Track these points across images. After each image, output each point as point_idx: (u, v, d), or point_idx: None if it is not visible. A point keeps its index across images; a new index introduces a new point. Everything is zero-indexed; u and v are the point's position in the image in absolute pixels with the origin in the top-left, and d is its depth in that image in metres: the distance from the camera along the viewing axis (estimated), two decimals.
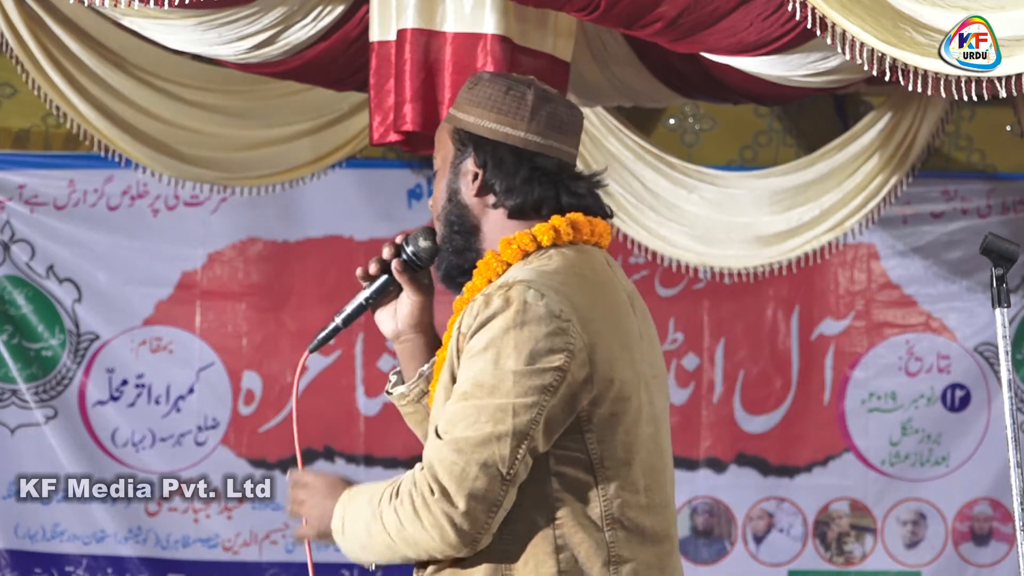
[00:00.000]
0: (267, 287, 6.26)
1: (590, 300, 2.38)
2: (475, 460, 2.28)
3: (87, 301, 6.19)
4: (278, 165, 5.90)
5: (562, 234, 2.45)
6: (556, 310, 2.33)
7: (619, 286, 2.48)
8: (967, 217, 6.30)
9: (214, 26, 4.74)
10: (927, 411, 6.28)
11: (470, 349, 2.34)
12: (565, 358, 2.32)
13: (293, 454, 6.13)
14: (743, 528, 6.30)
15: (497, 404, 2.29)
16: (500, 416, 2.29)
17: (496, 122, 2.47)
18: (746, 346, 6.33)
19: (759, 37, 4.16)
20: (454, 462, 2.28)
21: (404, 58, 4.44)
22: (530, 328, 2.31)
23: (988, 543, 6.28)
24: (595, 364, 2.34)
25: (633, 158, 5.94)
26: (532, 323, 2.32)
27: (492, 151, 2.47)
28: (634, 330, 2.45)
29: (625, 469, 2.38)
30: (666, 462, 2.47)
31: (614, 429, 2.37)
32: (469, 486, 2.28)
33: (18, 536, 6.11)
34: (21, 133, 6.22)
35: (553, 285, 2.36)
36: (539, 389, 2.30)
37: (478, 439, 2.29)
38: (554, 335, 2.32)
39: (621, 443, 2.37)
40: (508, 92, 2.48)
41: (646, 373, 2.44)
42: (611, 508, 2.37)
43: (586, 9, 4.21)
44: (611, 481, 2.37)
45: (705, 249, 5.95)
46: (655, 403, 2.45)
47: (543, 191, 2.46)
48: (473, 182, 2.48)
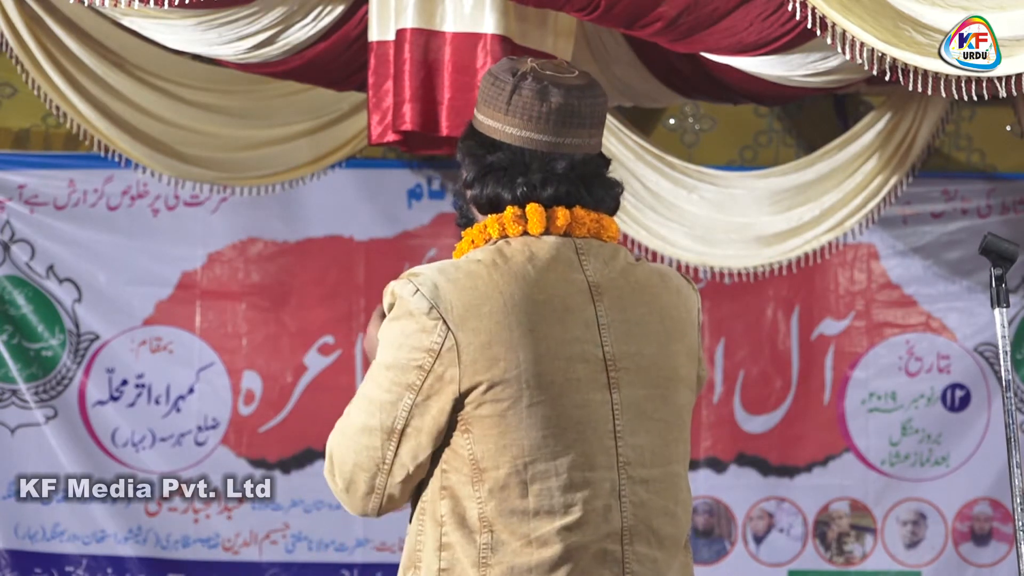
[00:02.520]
0: (267, 287, 6.26)
1: (482, 295, 2.33)
2: (349, 446, 2.40)
3: (87, 301, 6.18)
4: (278, 165, 5.90)
5: (508, 226, 2.42)
6: (426, 307, 2.33)
7: (572, 277, 2.40)
8: (967, 217, 6.30)
9: (214, 26, 4.75)
10: (927, 411, 6.27)
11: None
12: (427, 357, 2.33)
13: (293, 454, 6.16)
14: (743, 528, 6.30)
15: (370, 396, 2.39)
16: (371, 409, 2.38)
17: (483, 115, 2.46)
18: (746, 346, 6.33)
19: (759, 37, 4.16)
20: (338, 443, 2.42)
21: (403, 58, 4.45)
22: (400, 323, 2.36)
23: (988, 543, 6.27)
24: (463, 364, 2.32)
25: (633, 158, 5.94)
26: (403, 318, 2.35)
27: (468, 145, 2.47)
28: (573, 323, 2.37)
29: (506, 472, 2.32)
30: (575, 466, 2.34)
31: (493, 430, 2.32)
32: (343, 470, 2.41)
33: (18, 536, 6.11)
34: (21, 133, 6.22)
35: (440, 279, 2.35)
36: (404, 386, 2.35)
37: (355, 428, 2.40)
38: (420, 332, 2.33)
39: (503, 445, 2.32)
40: (495, 83, 2.45)
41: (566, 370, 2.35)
42: (485, 510, 2.32)
43: (586, 9, 4.21)
44: (487, 483, 2.32)
45: (705, 249, 5.95)
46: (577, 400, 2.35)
47: (496, 184, 2.43)
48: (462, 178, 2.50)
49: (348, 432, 2.40)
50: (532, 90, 2.42)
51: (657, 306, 2.47)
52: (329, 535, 6.16)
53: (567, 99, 2.43)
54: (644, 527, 2.39)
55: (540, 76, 2.44)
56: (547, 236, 2.43)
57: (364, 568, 6.14)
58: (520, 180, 2.43)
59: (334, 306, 6.13)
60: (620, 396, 2.39)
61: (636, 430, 2.40)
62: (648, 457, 2.40)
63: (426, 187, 6.24)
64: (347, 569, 6.14)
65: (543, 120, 2.43)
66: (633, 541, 2.38)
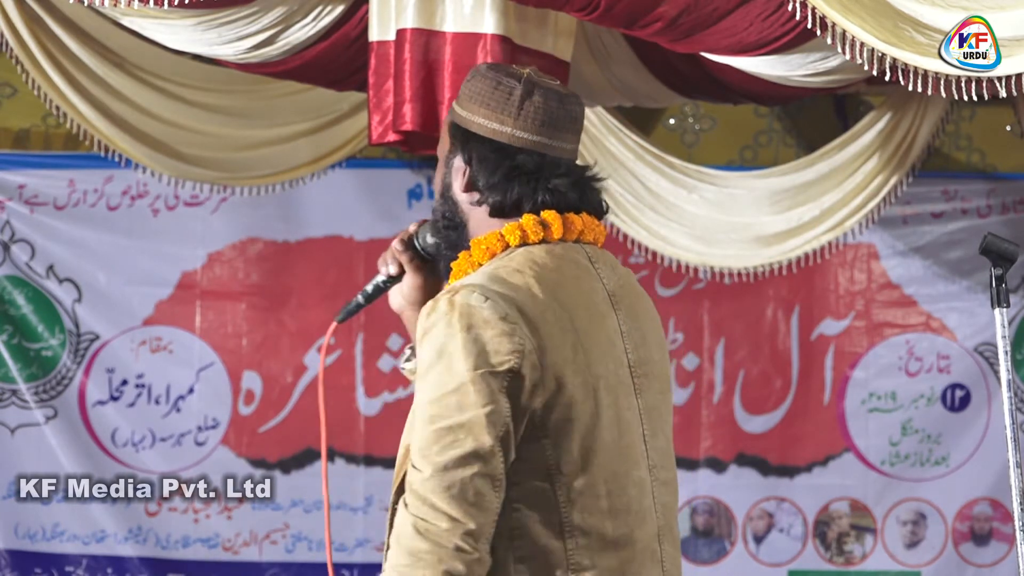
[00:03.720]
0: (267, 287, 6.26)
1: (542, 302, 2.33)
2: (466, 480, 2.24)
3: (87, 301, 6.19)
4: (278, 165, 5.90)
5: (529, 234, 2.41)
6: (502, 312, 2.29)
7: (594, 285, 2.44)
8: (967, 217, 6.30)
9: (214, 26, 4.74)
10: (927, 411, 6.28)
11: (423, 359, 2.31)
12: (516, 359, 2.28)
13: (293, 454, 6.16)
14: (743, 528, 6.30)
15: (467, 420, 2.25)
16: (473, 428, 2.25)
17: (485, 117, 2.44)
18: (746, 346, 6.33)
19: (759, 37, 4.16)
20: (447, 487, 2.23)
21: (403, 58, 4.44)
22: (478, 331, 2.28)
23: (988, 543, 6.27)
24: (545, 367, 2.30)
25: (633, 158, 5.94)
26: (479, 326, 2.28)
27: (477, 147, 2.44)
28: (605, 329, 2.41)
29: (583, 474, 2.33)
30: (631, 466, 2.39)
31: (569, 434, 2.32)
32: (470, 507, 2.24)
33: (18, 536, 6.11)
34: (21, 133, 6.22)
35: (500, 288, 2.32)
36: (497, 391, 2.26)
37: (460, 457, 2.24)
38: (502, 336, 2.28)
39: (578, 448, 2.32)
40: (498, 86, 2.44)
41: (613, 374, 2.39)
42: (570, 515, 2.32)
43: (586, 9, 4.21)
44: (569, 487, 2.32)
45: (705, 249, 5.95)
46: (624, 404, 2.40)
47: (521, 189, 2.42)
48: (462, 178, 2.45)
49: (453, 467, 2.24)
50: (543, 96, 2.44)
51: (651, 313, 2.57)
52: None
53: (567, 106, 2.46)
54: (668, 527, 2.45)
55: (542, 83, 2.46)
56: (562, 243, 2.44)
57: (364, 568, 6.14)
58: (542, 185, 2.43)
59: (334, 306, 6.10)
60: (643, 401, 2.45)
61: (656, 433, 2.46)
62: (665, 460, 2.48)
63: (426, 187, 6.24)
64: (347, 569, 6.15)
65: (553, 126, 2.44)
66: (663, 541, 2.44)
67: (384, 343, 6.16)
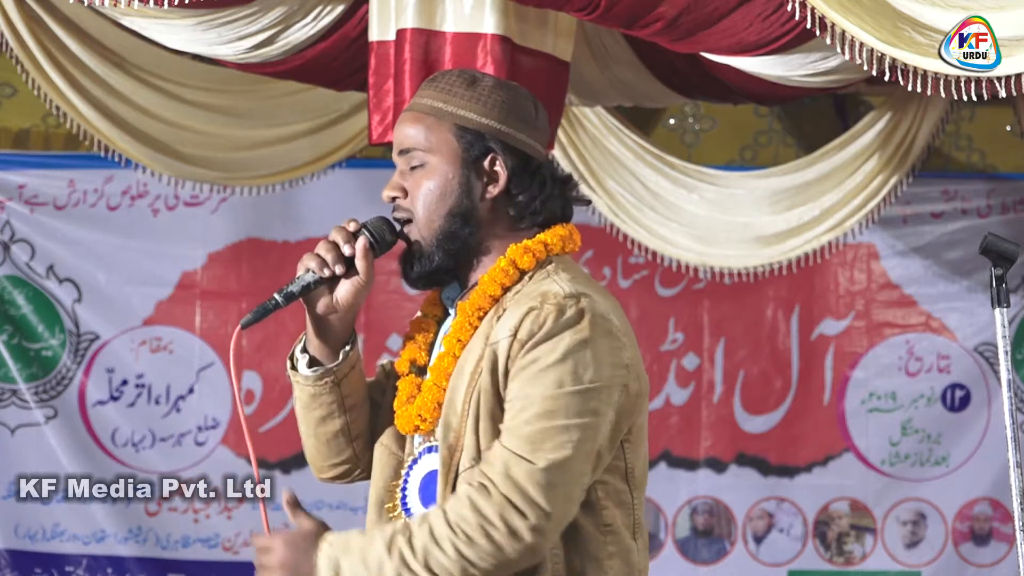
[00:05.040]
0: (267, 287, 6.23)
1: (621, 314, 2.41)
2: (572, 481, 2.28)
3: (87, 301, 6.19)
4: (278, 165, 5.90)
5: (566, 244, 2.46)
6: (616, 325, 2.36)
7: None
8: (967, 217, 6.30)
9: (214, 26, 4.74)
10: (927, 411, 6.28)
11: (538, 359, 2.31)
12: (625, 373, 2.35)
13: (293, 454, 6.15)
14: (743, 528, 6.30)
15: (585, 423, 2.29)
16: (590, 434, 2.29)
17: (514, 128, 2.45)
18: (746, 346, 6.33)
19: (759, 37, 4.16)
20: (553, 484, 2.26)
21: (403, 58, 4.44)
22: (602, 343, 2.32)
23: (988, 543, 6.28)
24: (640, 379, 2.38)
25: (633, 158, 5.94)
26: (603, 337, 2.33)
27: (517, 158, 2.45)
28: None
29: (643, 478, 2.43)
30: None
31: (641, 440, 2.42)
32: (567, 506, 2.29)
33: (18, 536, 6.11)
34: (21, 133, 6.22)
35: (607, 300, 2.39)
36: (613, 401, 2.32)
37: (574, 458, 2.28)
38: (618, 350, 2.34)
39: (643, 453, 2.43)
40: (517, 99, 2.47)
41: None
42: (638, 517, 2.41)
43: (586, 9, 4.20)
44: (637, 490, 2.41)
45: (705, 249, 5.95)
46: None
47: (554, 202, 2.47)
48: (489, 185, 2.45)
49: (566, 468, 2.28)
50: (543, 111, 2.51)
51: None
52: None
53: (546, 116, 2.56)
54: None
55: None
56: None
57: None
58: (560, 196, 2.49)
59: None
60: None
61: None
62: None
63: None
64: None
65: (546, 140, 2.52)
66: None
67: (384, 343, 6.16)
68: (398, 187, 2.49)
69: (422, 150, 2.46)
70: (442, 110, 2.46)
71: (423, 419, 2.44)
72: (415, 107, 2.50)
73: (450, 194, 2.45)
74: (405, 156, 2.49)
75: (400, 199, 2.50)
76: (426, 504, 2.45)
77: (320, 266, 2.49)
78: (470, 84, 2.48)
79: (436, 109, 2.47)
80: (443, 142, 2.46)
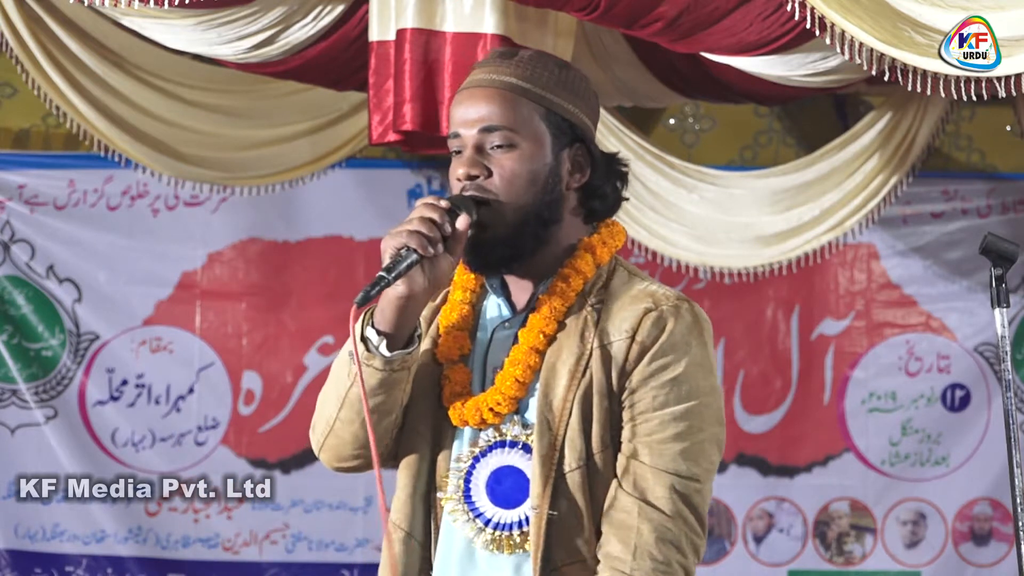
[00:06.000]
0: (267, 287, 6.26)
1: None
2: (711, 488, 2.38)
3: (87, 301, 6.18)
4: (278, 165, 5.90)
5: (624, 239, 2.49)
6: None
7: None
8: (967, 217, 6.30)
9: (214, 26, 4.75)
10: (927, 411, 6.27)
11: (668, 367, 2.34)
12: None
13: (293, 454, 6.15)
14: (743, 528, 6.30)
15: (716, 433, 2.38)
16: (721, 445, 2.40)
17: (592, 120, 2.43)
18: (746, 346, 6.33)
19: (759, 37, 4.16)
20: (709, 493, 2.37)
21: (404, 58, 4.45)
22: (711, 344, 2.40)
23: (988, 543, 6.27)
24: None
25: (633, 158, 5.93)
26: (711, 339, 2.41)
27: (599, 151, 2.42)
28: None
29: None
30: None
31: None
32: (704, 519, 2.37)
33: (18, 536, 6.11)
34: (21, 133, 6.22)
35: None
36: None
37: (712, 469, 2.37)
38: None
39: None
40: (592, 90, 2.44)
41: None
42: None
43: (586, 9, 4.21)
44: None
45: (705, 249, 5.95)
46: None
47: (616, 194, 2.46)
48: (574, 174, 2.40)
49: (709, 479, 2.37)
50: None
51: None
52: (329, 535, 6.16)
53: None
54: None
55: None
56: None
57: (364, 568, 6.14)
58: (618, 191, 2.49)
59: (334, 306, 6.12)
60: None
61: None
62: None
63: (426, 187, 6.24)
64: (347, 569, 6.14)
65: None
66: None
67: None
68: (480, 165, 2.35)
69: (510, 130, 2.35)
70: (531, 91, 2.37)
71: (495, 413, 2.35)
72: (495, 83, 2.37)
73: (539, 180, 2.36)
74: (486, 133, 2.35)
75: (482, 178, 2.36)
76: (496, 500, 2.36)
77: (423, 245, 2.26)
78: (560, 68, 2.40)
79: (524, 90, 2.36)
80: (533, 124, 2.37)
